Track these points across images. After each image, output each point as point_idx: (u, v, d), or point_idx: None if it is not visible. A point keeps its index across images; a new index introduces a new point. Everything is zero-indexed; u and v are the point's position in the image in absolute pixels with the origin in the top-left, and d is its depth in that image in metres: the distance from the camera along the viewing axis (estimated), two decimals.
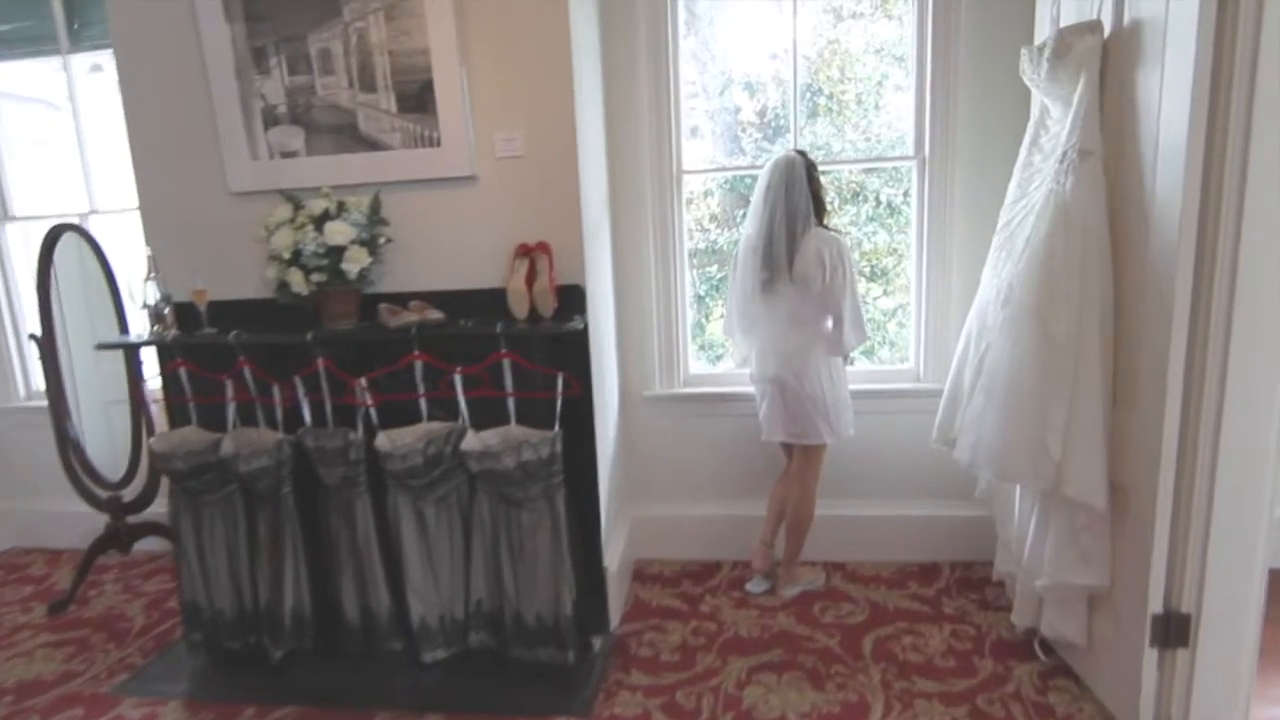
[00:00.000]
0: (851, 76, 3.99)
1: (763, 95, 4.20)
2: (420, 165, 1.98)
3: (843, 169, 2.97)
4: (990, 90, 2.26)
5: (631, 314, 2.56)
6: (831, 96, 4.06)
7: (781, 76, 4.15)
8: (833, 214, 2.20)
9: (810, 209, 2.08)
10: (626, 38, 2.38)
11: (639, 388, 2.60)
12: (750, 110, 4.12)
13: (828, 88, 4.05)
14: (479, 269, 2.03)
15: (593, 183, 2.17)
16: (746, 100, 3.48)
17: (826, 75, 4.04)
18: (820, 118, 4.09)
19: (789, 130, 3.94)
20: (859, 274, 2.90)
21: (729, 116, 3.90)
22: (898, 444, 2.51)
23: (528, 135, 1.97)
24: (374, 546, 1.95)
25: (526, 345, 1.92)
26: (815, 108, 4.09)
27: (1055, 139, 1.78)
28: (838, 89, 3.99)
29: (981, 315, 1.95)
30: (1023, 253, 1.77)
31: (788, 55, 4.00)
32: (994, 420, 1.79)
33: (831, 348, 2.16)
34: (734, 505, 2.63)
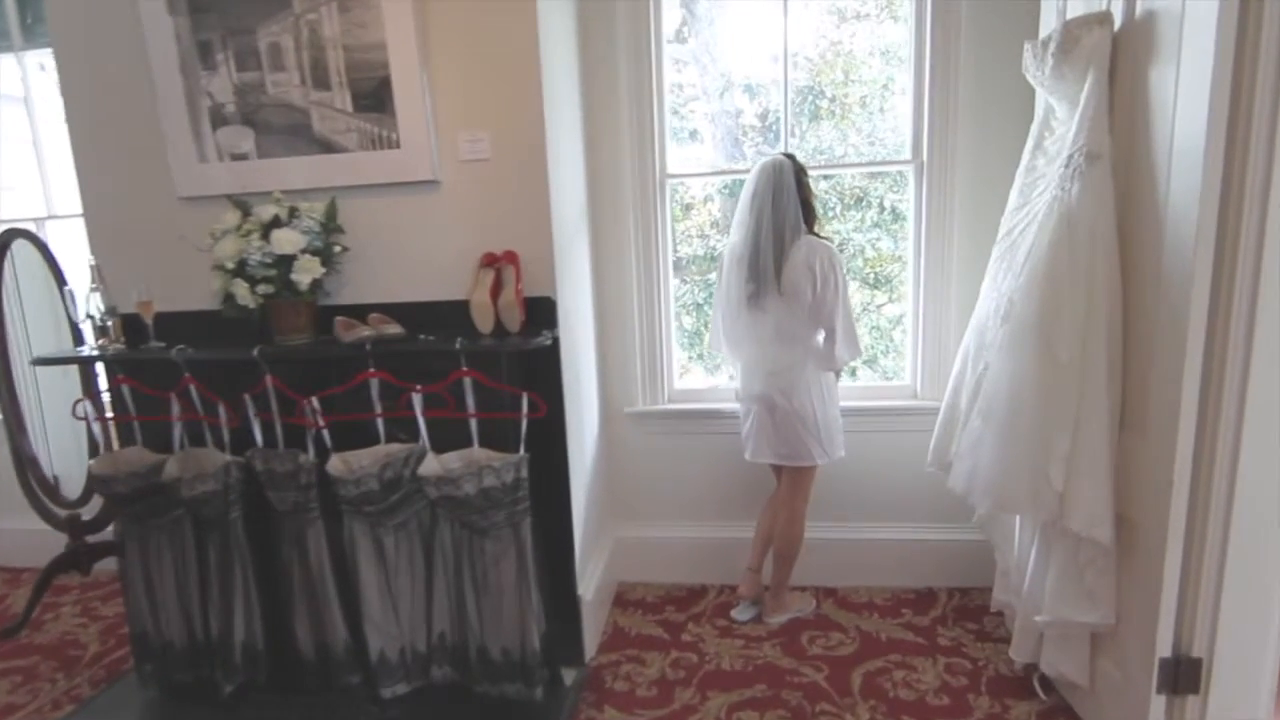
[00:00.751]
0: (856, 79, 3.89)
1: (764, 98, 4.11)
2: (379, 168, 1.85)
3: (845, 174, 2.86)
4: (993, 89, 2.12)
5: (613, 326, 2.43)
6: (834, 99, 3.97)
7: (781, 79, 4.06)
8: (824, 221, 2.06)
9: (799, 216, 1.95)
10: (605, 34, 2.25)
11: (621, 403, 2.47)
12: (751, 113, 4.05)
13: (830, 90, 3.95)
14: (443, 280, 1.90)
15: (567, 188, 2.04)
16: (747, 103, 3.45)
17: (829, 78, 3.96)
18: (823, 121, 4.00)
19: (791, 133, 3.82)
20: (862, 281, 2.77)
21: (730, 120, 3.71)
22: (893, 464, 2.37)
23: (494, 137, 1.84)
24: (328, 576, 1.82)
25: (490, 362, 1.79)
26: (817, 111, 4.00)
27: (1060, 141, 1.64)
28: (841, 92, 3.90)
29: (980, 332, 1.81)
30: (1024, 264, 1.63)
31: (789, 57, 3.93)
32: (992, 446, 1.65)
33: (823, 363, 2.02)
34: (722, 527, 2.50)
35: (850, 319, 1.99)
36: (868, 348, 2.79)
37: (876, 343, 3.39)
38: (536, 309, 1.87)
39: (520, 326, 1.81)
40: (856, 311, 4.40)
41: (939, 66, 2.14)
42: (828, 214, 4.14)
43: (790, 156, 2.01)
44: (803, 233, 1.96)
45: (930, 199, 2.23)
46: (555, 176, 1.90)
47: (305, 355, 1.80)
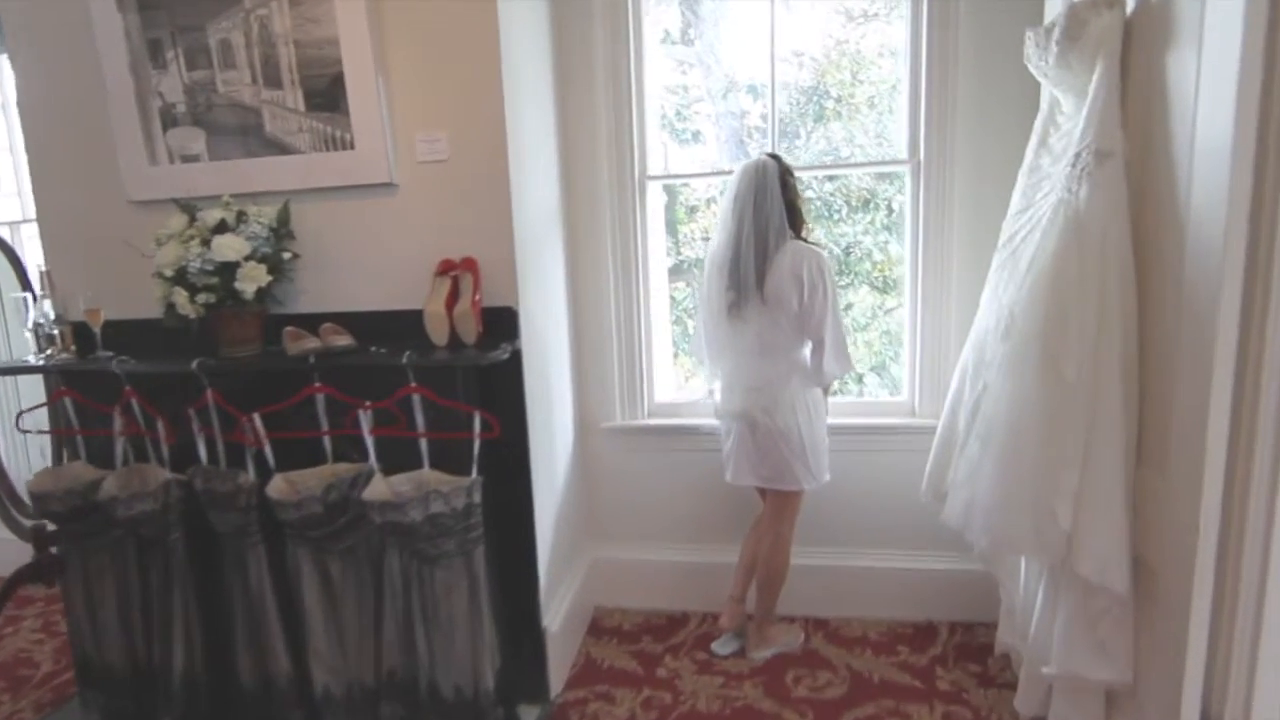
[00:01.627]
0: (864, 79, 3.74)
1: (768, 99, 3.97)
2: (332, 171, 1.75)
3: (852, 176, 2.70)
4: (995, 81, 1.96)
5: (589, 337, 2.30)
6: (840, 100, 3.82)
7: (785, 79, 3.92)
8: (812, 225, 1.91)
9: (784, 220, 1.80)
10: (581, 30, 2.13)
11: (597, 418, 2.34)
12: (756, 114, 3.91)
13: (836, 90, 3.80)
14: (401, 288, 1.78)
15: (534, 191, 1.92)
16: (751, 104, 3.40)
17: (835, 78, 3.81)
18: (830, 122, 3.85)
19: (797, 134, 3.67)
20: (870, 286, 2.61)
21: (734, 121, 3.60)
22: (890, 485, 2.20)
23: (453, 137, 1.72)
24: (270, 604, 1.71)
25: (444, 377, 1.67)
26: (823, 111, 3.84)
27: (1067, 138, 1.48)
28: (847, 92, 3.74)
29: (979, 347, 1.65)
30: (1026, 274, 1.47)
31: (794, 57, 3.76)
32: (990, 477, 1.48)
33: (810, 377, 1.87)
34: (705, 550, 2.34)
35: (840, 330, 1.84)
36: (877, 353, 2.63)
37: (886, 349, 3.22)
38: (496, 320, 1.75)
39: (477, 339, 1.69)
40: (865, 317, 4.19)
41: (936, 57, 1.98)
42: (833, 216, 3.99)
43: (775, 157, 1.87)
44: (788, 238, 1.82)
45: (928, 201, 2.07)
46: (519, 179, 1.79)
47: (246, 368, 1.70)
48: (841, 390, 4.31)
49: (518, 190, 1.78)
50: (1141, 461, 1.39)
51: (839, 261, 4.03)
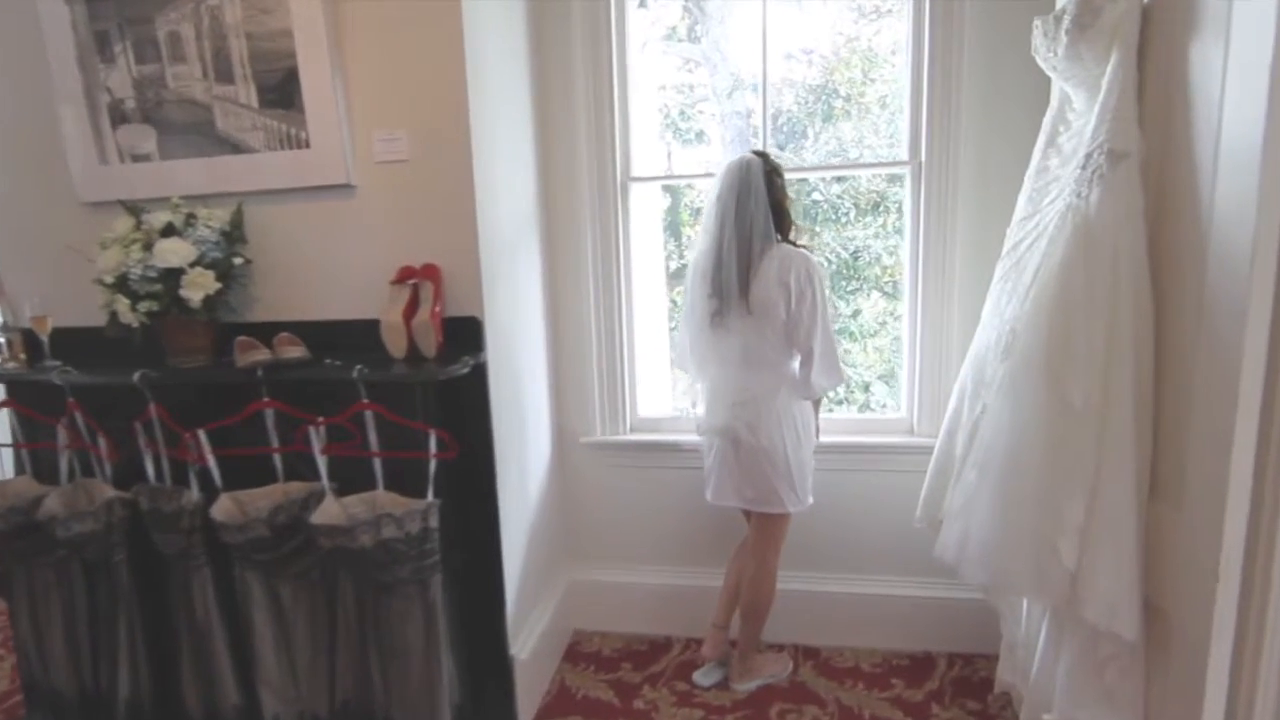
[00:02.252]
0: (876, 78, 3.61)
1: (775, 98, 3.81)
2: (287, 171, 1.65)
3: (861, 178, 2.57)
4: (1004, 76, 1.82)
5: (568, 347, 2.19)
6: (849, 99, 3.56)
7: (793, 77, 3.72)
8: (802, 228, 1.79)
9: (769, 223, 1.68)
10: (558, 24, 2.02)
11: (577, 432, 2.22)
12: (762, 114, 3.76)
13: (845, 89, 3.52)
14: (360, 296, 1.68)
15: (505, 193, 1.81)
16: (757, 103, 3.30)
17: (845, 76, 3.52)
18: (839, 121, 3.66)
19: (805, 134, 3.55)
20: (880, 291, 2.48)
21: (740, 120, 3.46)
22: (886, 507, 2.07)
23: (413, 135, 1.62)
24: (217, 631, 1.61)
25: (400, 392, 1.56)
26: (831, 111, 3.51)
27: (1077, 137, 1.35)
28: (858, 91, 3.53)
29: (979, 364, 1.51)
30: (1030, 286, 1.34)
31: (803, 55, 3.45)
32: (988, 508, 1.35)
33: (798, 391, 1.75)
34: (690, 573, 2.22)
35: (831, 341, 1.71)
36: (886, 360, 2.49)
37: (895, 356, 3.08)
38: (459, 331, 1.64)
39: (437, 350, 1.58)
40: (875, 323, 4.01)
41: (939, 51, 1.85)
42: (841, 220, 3.85)
43: (762, 154, 1.74)
44: (774, 242, 1.69)
45: (929, 205, 1.94)
46: (486, 180, 1.67)
47: (191, 381, 1.60)
48: (848, 399, 4.17)
49: (484, 193, 1.67)
50: (1155, 495, 1.25)
51: (847, 266, 3.88)
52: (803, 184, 3.56)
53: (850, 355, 3.85)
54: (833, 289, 3.95)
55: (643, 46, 3.43)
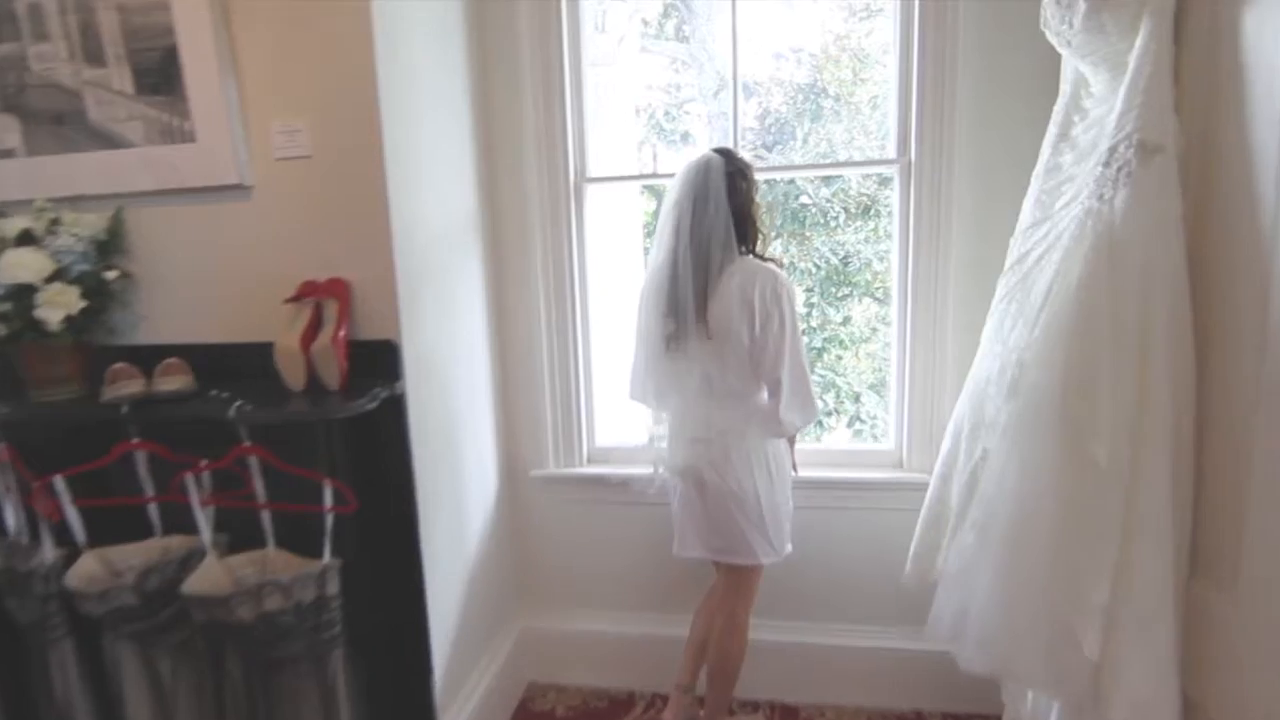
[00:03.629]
0: (866, 78, 3.43)
1: (762, 98, 3.44)
2: (171, 168, 1.41)
3: (851, 180, 2.34)
4: (1006, 59, 1.58)
5: (518, 370, 1.95)
6: (839, 98, 3.35)
7: (781, 77, 3.42)
8: (769, 240, 1.55)
9: (730, 233, 1.45)
10: (502, 8, 1.78)
11: (527, 465, 1.98)
12: (750, 114, 3.44)
13: (835, 88, 3.32)
14: (257, 316, 1.43)
15: (430, 195, 1.57)
16: (744, 103, 3.13)
17: (834, 75, 3.33)
18: (828, 122, 3.36)
19: (794, 135, 3.43)
20: (871, 298, 2.26)
21: (727, 122, 3.52)
22: (873, 550, 1.83)
23: (316, 126, 1.38)
24: (77, 712, 1.37)
25: (300, 432, 1.33)
26: (820, 111, 3.32)
27: (1097, 127, 1.11)
28: (847, 90, 3.30)
29: (978, 399, 1.28)
30: (1041, 310, 1.10)
31: (792, 53, 3.32)
32: (990, 581, 1.11)
33: (767, 427, 1.51)
34: (655, 620, 1.98)
35: (802, 370, 1.48)
36: (877, 369, 2.25)
37: (887, 364, 2.89)
38: (370, 357, 1.40)
39: (341, 381, 1.34)
40: (866, 330, 3.76)
41: (930, 30, 1.61)
42: (830, 224, 3.63)
43: (726, 153, 1.50)
44: (738, 255, 1.46)
45: (920, 209, 1.70)
46: (404, 180, 1.44)
47: (41, 417, 1.36)
48: (838, 409, 3.92)
49: (403, 195, 1.43)
50: (1197, 572, 1.02)
51: (836, 272, 3.66)
52: (790, 187, 3.38)
53: (841, 363, 3.63)
54: (821, 295, 3.73)
55: (620, 41, 3.23)
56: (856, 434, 3.66)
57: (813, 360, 3.73)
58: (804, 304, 3.61)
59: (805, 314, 3.59)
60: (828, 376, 3.60)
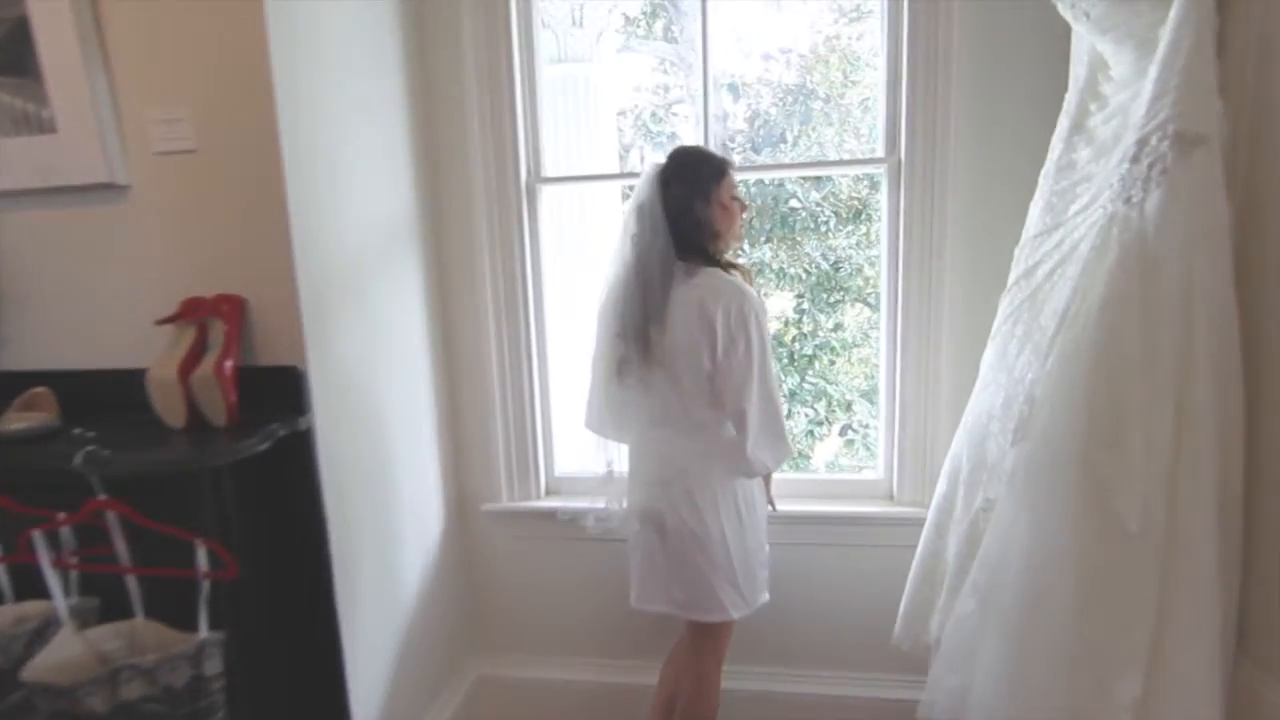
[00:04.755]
0: (857, 80, 3.32)
1: (753, 99, 3.36)
2: (28, 164, 1.19)
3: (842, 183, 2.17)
4: (1007, 44, 1.41)
5: (466, 392, 1.74)
6: (829, 100, 3.25)
7: (769, 78, 3.31)
8: (726, 243, 1.32)
9: (669, 248, 1.25)
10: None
11: (478, 498, 1.78)
12: (740, 117, 3.33)
13: (824, 90, 3.23)
14: (136, 338, 1.22)
15: (348, 196, 1.36)
16: (731, 104, 3.20)
17: (823, 76, 3.25)
18: (819, 124, 3.27)
19: (782, 139, 3.32)
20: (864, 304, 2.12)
21: (716, 125, 3.48)
22: (860, 591, 1.65)
23: (199, 116, 1.16)
24: None
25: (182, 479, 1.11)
26: (810, 113, 3.24)
27: (1120, 116, 0.93)
28: (837, 92, 3.21)
29: (978, 435, 1.09)
30: (1056, 335, 0.92)
31: (781, 55, 3.22)
32: (996, 660, 0.92)
33: (734, 467, 1.31)
34: (622, 667, 1.78)
35: (773, 401, 1.28)
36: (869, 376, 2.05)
37: (876, 372, 2.75)
38: (271, 387, 1.19)
39: (229, 416, 1.13)
40: (859, 335, 3.58)
41: (923, 9, 1.43)
42: (820, 227, 3.47)
43: (671, 155, 1.30)
44: (685, 268, 1.26)
45: (911, 214, 1.51)
46: (311, 178, 1.23)
47: None
48: (828, 418, 3.75)
49: (309, 197, 1.22)
50: (1245, 652, 0.84)
51: (827, 277, 3.49)
52: (780, 190, 3.26)
53: (833, 369, 3.48)
54: (812, 301, 3.56)
55: (599, 37, 3.04)
56: (849, 444, 3.54)
57: (803, 367, 3.56)
58: (794, 310, 3.48)
59: (796, 320, 3.46)
60: (819, 384, 3.49)
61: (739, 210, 1.30)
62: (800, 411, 3.49)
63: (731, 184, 1.29)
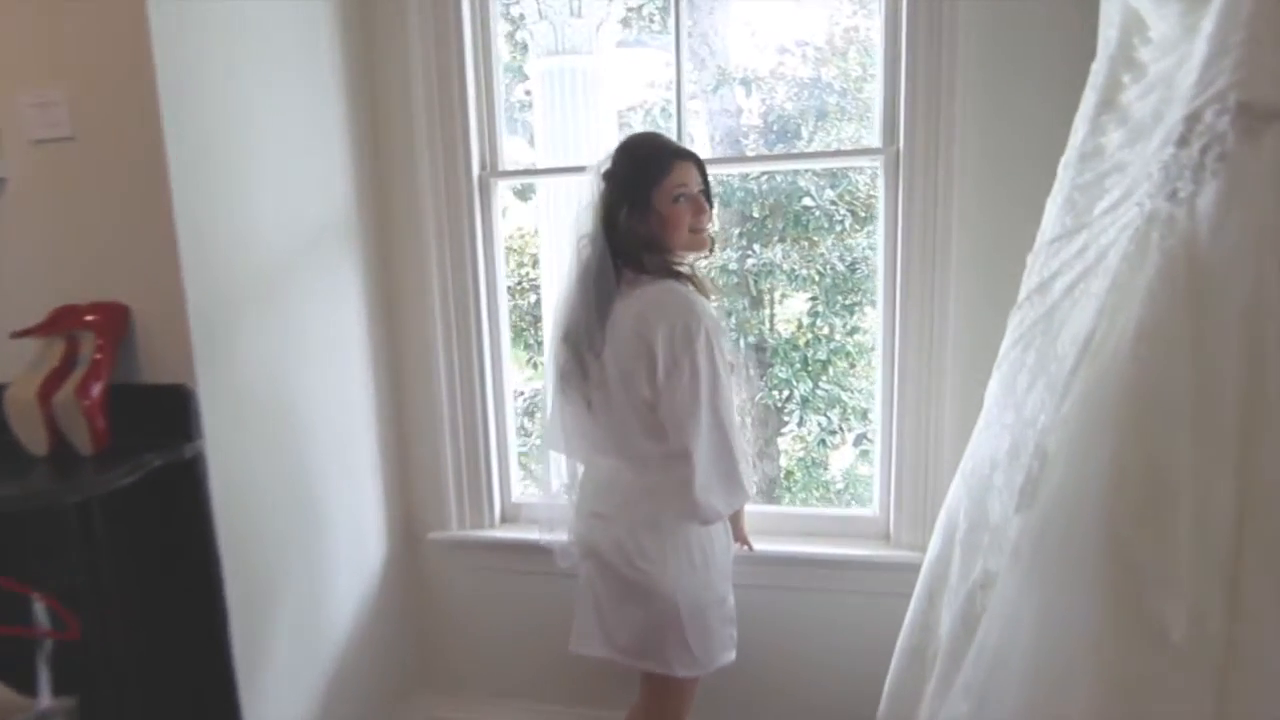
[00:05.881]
0: (876, 74, 3.24)
1: (767, 95, 3.30)
2: None
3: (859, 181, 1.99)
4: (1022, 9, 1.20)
5: (412, 409, 1.58)
6: (845, 94, 3.13)
7: (783, 72, 3.22)
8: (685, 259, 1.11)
9: (605, 255, 1.07)
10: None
11: (424, 526, 1.61)
12: (754, 113, 3.26)
13: (840, 84, 3.14)
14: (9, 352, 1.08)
15: (264, 193, 1.21)
16: (745, 99, 3.15)
17: (842, 69, 3.16)
18: (833, 119, 3.15)
19: (797, 135, 2.97)
20: None
21: (730, 120, 3.16)
22: (847, 648, 1.44)
23: (76, 98, 1.02)
24: None
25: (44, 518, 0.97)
26: (825, 108, 3.17)
27: (1162, 88, 0.72)
28: (854, 86, 3.10)
29: (979, 487, 0.88)
30: (1077, 369, 0.71)
31: (799, 49, 3.17)
32: None
33: (683, 508, 1.11)
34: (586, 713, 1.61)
35: (725, 436, 1.07)
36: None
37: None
38: (154, 409, 1.04)
39: (97, 443, 0.98)
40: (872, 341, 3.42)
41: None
42: (834, 227, 3.27)
43: (622, 149, 1.11)
44: (624, 275, 1.07)
45: (911, 214, 1.30)
46: (207, 170, 1.08)
47: None
48: (843, 427, 3.57)
49: (206, 192, 1.08)
50: None
51: (843, 280, 3.29)
52: (794, 188, 3.11)
53: (848, 376, 3.31)
54: (827, 304, 3.36)
55: (599, 27, 2.92)
56: (863, 454, 3.38)
57: (817, 373, 3.36)
58: (808, 314, 3.33)
59: (810, 323, 3.33)
60: (833, 391, 3.33)
61: (690, 213, 1.08)
62: (813, 419, 3.36)
63: (678, 184, 1.07)
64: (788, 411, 3.45)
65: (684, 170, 1.09)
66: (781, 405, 3.44)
